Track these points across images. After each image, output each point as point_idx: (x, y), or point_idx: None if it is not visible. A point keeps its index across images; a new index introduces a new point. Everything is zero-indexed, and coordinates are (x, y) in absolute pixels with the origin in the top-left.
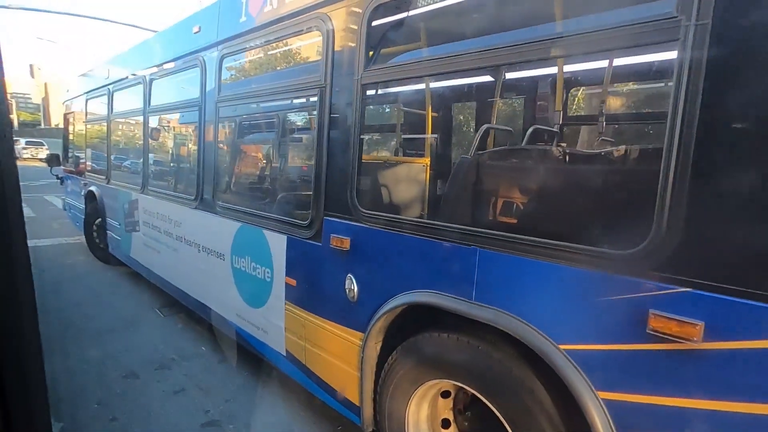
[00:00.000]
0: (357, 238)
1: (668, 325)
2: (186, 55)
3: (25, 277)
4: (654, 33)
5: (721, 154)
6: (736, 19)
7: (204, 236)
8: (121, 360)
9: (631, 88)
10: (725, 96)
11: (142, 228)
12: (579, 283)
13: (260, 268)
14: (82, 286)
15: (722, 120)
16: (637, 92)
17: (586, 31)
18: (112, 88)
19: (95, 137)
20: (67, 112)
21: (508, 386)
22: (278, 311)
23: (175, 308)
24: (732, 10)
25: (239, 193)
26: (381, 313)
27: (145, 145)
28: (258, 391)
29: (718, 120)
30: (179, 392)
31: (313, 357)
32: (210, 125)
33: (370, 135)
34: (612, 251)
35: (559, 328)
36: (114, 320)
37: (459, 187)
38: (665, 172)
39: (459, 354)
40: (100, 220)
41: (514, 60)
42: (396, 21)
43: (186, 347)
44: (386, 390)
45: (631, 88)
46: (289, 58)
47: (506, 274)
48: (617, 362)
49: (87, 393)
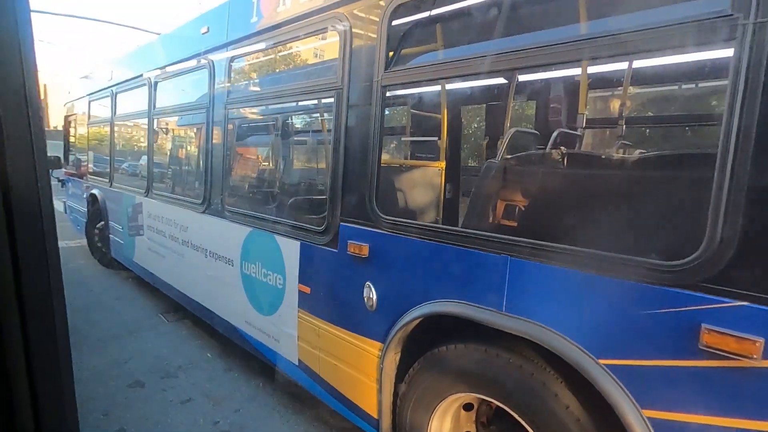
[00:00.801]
0: (376, 244)
1: (724, 341)
2: (193, 57)
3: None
4: (706, 33)
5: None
6: None
7: (212, 241)
8: (126, 368)
9: (660, 90)
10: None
11: (147, 232)
12: (622, 295)
13: (272, 275)
14: (85, 291)
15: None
16: (666, 94)
17: (624, 31)
18: (116, 89)
19: (97, 139)
20: (69, 114)
21: (542, 401)
22: (291, 319)
23: (180, 314)
24: None
25: (249, 197)
26: (402, 323)
27: (150, 147)
28: (268, 401)
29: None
30: (186, 402)
31: (327, 367)
32: (218, 128)
33: (390, 138)
34: (660, 261)
35: (599, 341)
36: (118, 326)
37: (487, 192)
38: (720, 178)
39: (488, 367)
40: (103, 224)
41: (555, 60)
42: (418, 21)
43: (192, 355)
44: (407, 403)
45: (659, 90)
46: (303, 59)
47: (540, 285)
48: (665, 379)
49: (92, 403)
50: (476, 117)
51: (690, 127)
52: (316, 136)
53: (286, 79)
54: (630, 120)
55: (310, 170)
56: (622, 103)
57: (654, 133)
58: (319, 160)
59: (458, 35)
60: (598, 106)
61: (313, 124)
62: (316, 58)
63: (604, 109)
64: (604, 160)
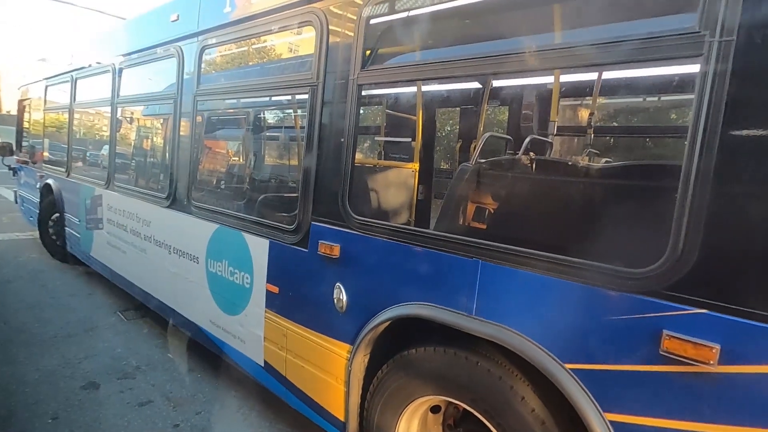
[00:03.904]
0: (348, 245)
1: (683, 347)
2: (162, 44)
3: None
4: (672, 48)
5: (743, 171)
6: (762, 35)
7: (176, 237)
8: (80, 368)
9: (627, 101)
10: (749, 112)
11: (106, 226)
12: (588, 301)
13: (239, 273)
14: (36, 287)
15: (745, 136)
16: (629, 106)
17: (595, 43)
18: (76, 75)
19: (55, 126)
20: (23, 99)
21: (508, 404)
22: (257, 319)
23: (140, 312)
24: (757, 27)
25: (216, 193)
26: (372, 325)
27: (112, 137)
28: (231, 402)
29: (741, 136)
30: (145, 404)
31: (294, 369)
32: (186, 119)
33: (365, 138)
34: (624, 269)
35: (566, 346)
36: (72, 325)
37: (460, 195)
38: (683, 187)
39: (456, 370)
40: (58, 216)
41: (528, 68)
42: (395, 20)
43: (152, 355)
44: (375, 405)
45: (626, 101)
46: (278, 53)
47: (510, 289)
48: (626, 383)
49: (41, 405)
50: (449, 120)
51: (654, 138)
52: (289, 132)
53: (260, 72)
54: (598, 129)
55: (281, 167)
56: (591, 112)
57: (620, 143)
58: (291, 157)
59: (435, 38)
60: (568, 114)
61: (285, 120)
62: (291, 53)
63: (573, 117)
64: (572, 168)
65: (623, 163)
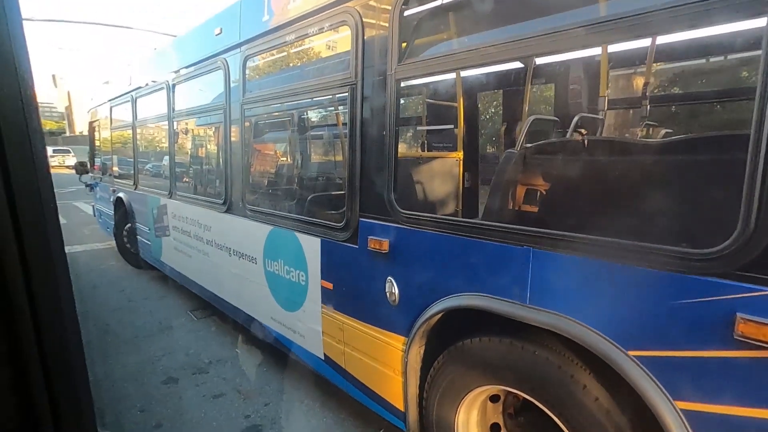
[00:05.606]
0: (396, 239)
1: (761, 331)
2: (208, 58)
3: (65, 284)
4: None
5: None
6: None
7: (234, 240)
8: (160, 365)
9: (686, 65)
10: None
11: (172, 232)
12: (651, 286)
13: (294, 272)
14: (116, 291)
15: None
16: (693, 69)
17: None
18: (135, 94)
19: (121, 143)
20: (92, 120)
21: (569, 393)
22: (315, 315)
23: (208, 311)
24: None
25: (268, 195)
26: (425, 318)
27: (171, 150)
28: (296, 394)
29: None
30: (219, 397)
31: (353, 361)
32: (235, 127)
33: (406, 130)
34: (691, 250)
35: (628, 332)
36: (149, 325)
37: (506, 182)
38: (753, 160)
39: (513, 359)
40: (130, 226)
41: (573, 44)
42: (429, 10)
43: (221, 351)
44: (433, 396)
45: (685, 65)
46: (316, 55)
47: (564, 276)
48: (698, 370)
49: (129, 399)
50: (493, 102)
51: (720, 103)
52: (332, 131)
53: (300, 75)
54: (654, 99)
55: (327, 166)
56: (645, 81)
57: (681, 111)
58: (336, 156)
59: (472, 22)
60: (621, 84)
61: (328, 120)
62: (329, 53)
63: (627, 87)
64: (628, 145)
65: (682, 137)
